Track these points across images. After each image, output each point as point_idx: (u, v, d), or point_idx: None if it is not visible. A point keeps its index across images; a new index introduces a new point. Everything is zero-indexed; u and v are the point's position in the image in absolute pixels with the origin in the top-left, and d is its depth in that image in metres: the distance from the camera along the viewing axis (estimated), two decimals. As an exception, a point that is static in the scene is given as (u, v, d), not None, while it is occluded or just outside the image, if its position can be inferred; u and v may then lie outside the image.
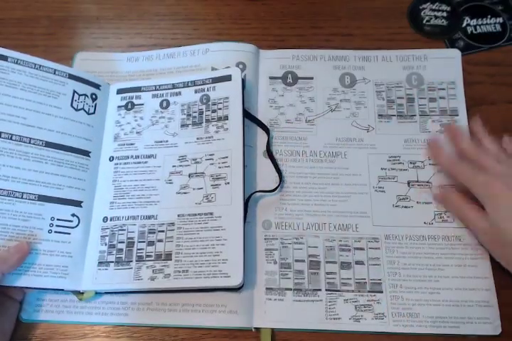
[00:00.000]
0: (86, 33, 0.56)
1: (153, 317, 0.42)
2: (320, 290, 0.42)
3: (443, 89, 0.50)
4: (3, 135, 0.42)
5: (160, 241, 0.42)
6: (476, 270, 0.43)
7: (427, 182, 0.46)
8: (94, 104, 0.47)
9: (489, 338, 0.40)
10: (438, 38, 0.54)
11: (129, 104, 0.48)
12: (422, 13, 0.56)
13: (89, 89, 0.47)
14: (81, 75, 0.47)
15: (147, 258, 0.42)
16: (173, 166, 0.45)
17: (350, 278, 0.43)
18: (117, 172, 0.46)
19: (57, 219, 0.42)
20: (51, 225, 0.42)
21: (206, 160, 0.45)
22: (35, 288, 0.41)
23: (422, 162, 0.47)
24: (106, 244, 0.43)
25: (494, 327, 0.41)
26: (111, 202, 0.45)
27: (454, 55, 0.52)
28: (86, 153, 0.45)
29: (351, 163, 0.47)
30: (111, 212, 0.44)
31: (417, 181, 0.46)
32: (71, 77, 0.46)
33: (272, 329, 0.41)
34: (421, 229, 0.44)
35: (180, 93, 0.48)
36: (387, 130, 0.49)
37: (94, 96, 0.47)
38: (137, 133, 0.47)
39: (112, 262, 0.42)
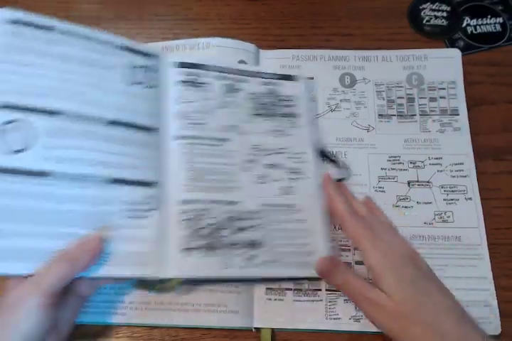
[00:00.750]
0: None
1: (153, 317, 0.42)
2: (320, 290, 0.42)
3: (443, 88, 0.50)
4: (65, 114, 0.37)
5: (247, 228, 0.41)
6: (476, 270, 0.43)
7: (427, 181, 0.46)
8: (152, 77, 0.43)
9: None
10: (438, 38, 0.54)
11: (194, 81, 0.45)
12: (422, 13, 0.56)
13: (145, 61, 0.43)
14: (136, 46, 0.43)
15: (235, 246, 0.40)
16: (248, 154, 0.44)
17: (350, 278, 0.43)
18: (189, 152, 0.42)
19: (132, 203, 0.38)
20: (126, 210, 0.38)
21: (281, 153, 0.44)
22: (113, 279, 0.38)
23: (422, 162, 0.47)
24: (189, 229, 0.39)
25: (494, 327, 0.41)
26: (186, 184, 0.41)
27: (454, 54, 0.52)
28: (152, 130, 0.41)
29: (351, 162, 0.47)
30: (188, 194, 0.40)
31: (417, 181, 0.46)
32: (126, 48, 0.42)
33: (272, 329, 0.41)
34: (421, 229, 0.44)
35: (247, 81, 0.47)
36: (387, 130, 0.49)
37: (151, 69, 0.43)
38: (206, 113, 0.44)
39: (197, 248, 0.39)
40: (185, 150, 0.42)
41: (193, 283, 0.42)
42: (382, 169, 0.47)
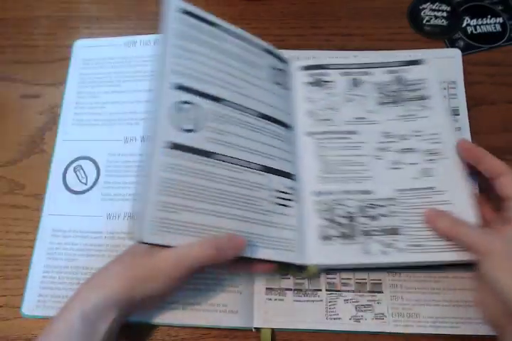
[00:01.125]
0: (86, 33, 0.56)
1: (154, 316, 0.42)
2: (320, 290, 0.42)
3: (444, 88, 0.50)
4: (226, 102, 0.41)
5: (383, 215, 0.42)
6: (476, 270, 0.43)
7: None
8: (286, 79, 0.47)
9: (489, 338, 0.40)
10: (438, 38, 0.54)
11: (318, 81, 0.48)
12: (422, 13, 0.56)
13: (280, 64, 0.47)
14: (274, 51, 0.47)
15: (374, 233, 0.41)
16: (379, 142, 0.45)
17: (350, 279, 0.43)
18: (320, 147, 0.45)
19: (278, 191, 0.41)
20: (274, 197, 0.41)
21: (415, 136, 0.45)
22: (263, 261, 0.39)
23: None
24: (325, 219, 0.42)
25: (494, 327, 0.41)
26: (319, 176, 0.43)
27: (455, 54, 0.52)
28: (287, 126, 0.45)
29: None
30: (321, 186, 0.43)
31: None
32: (268, 51, 0.46)
33: (272, 329, 0.41)
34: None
35: (371, 73, 0.48)
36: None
37: (284, 72, 0.47)
38: (333, 109, 0.46)
39: (337, 236, 0.41)
40: (317, 145, 0.45)
41: (331, 270, 0.43)
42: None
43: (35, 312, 0.43)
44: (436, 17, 0.56)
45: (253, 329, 0.41)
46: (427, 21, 0.55)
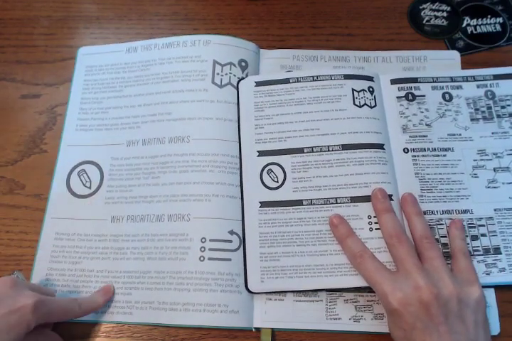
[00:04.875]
0: (86, 33, 0.56)
1: (155, 316, 0.42)
2: (320, 290, 0.42)
3: None
4: (306, 150, 0.44)
5: (483, 235, 0.42)
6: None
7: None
8: (373, 97, 0.47)
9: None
10: (438, 38, 0.54)
11: (410, 95, 0.47)
12: (422, 13, 0.56)
13: (365, 84, 0.47)
14: (354, 72, 0.48)
15: (475, 253, 0.42)
16: (474, 160, 0.45)
17: (350, 279, 0.43)
18: (417, 164, 0.44)
19: (374, 216, 0.42)
20: (370, 223, 0.42)
21: (508, 155, 0.45)
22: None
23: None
24: None
25: (493, 327, 0.41)
26: (419, 194, 0.43)
27: (454, 56, 0.52)
28: (380, 146, 0.44)
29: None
30: (423, 205, 0.43)
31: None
32: (346, 77, 0.47)
33: (272, 329, 0.41)
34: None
35: (461, 87, 0.48)
36: None
37: (371, 89, 0.47)
38: (427, 125, 0.46)
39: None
40: (414, 163, 0.45)
41: None
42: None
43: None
44: (436, 17, 0.55)
45: (253, 329, 0.41)
46: (427, 21, 0.55)
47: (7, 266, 0.45)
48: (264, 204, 0.43)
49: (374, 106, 0.46)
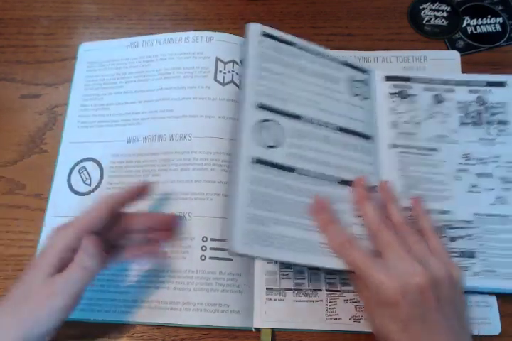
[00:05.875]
0: (86, 33, 0.56)
1: (154, 316, 0.42)
2: (320, 290, 0.42)
3: None
4: (304, 119, 0.42)
5: (460, 237, 0.42)
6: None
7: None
8: (367, 89, 0.47)
9: (489, 338, 0.41)
10: (438, 38, 0.54)
11: (403, 93, 0.47)
12: (422, 13, 0.56)
13: (361, 75, 0.47)
14: (353, 62, 0.47)
15: (452, 255, 0.41)
16: (459, 163, 0.45)
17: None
18: (402, 161, 0.45)
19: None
20: (352, 209, 0.41)
21: (492, 162, 0.45)
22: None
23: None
24: None
25: (494, 327, 0.41)
26: (401, 191, 0.43)
27: (454, 56, 0.52)
28: (368, 137, 0.45)
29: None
30: (403, 201, 0.43)
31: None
32: (346, 64, 0.47)
33: (272, 329, 0.41)
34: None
35: (453, 90, 0.48)
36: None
37: (365, 82, 0.47)
38: (416, 123, 0.46)
39: None
40: (399, 159, 0.45)
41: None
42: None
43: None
44: (436, 17, 0.56)
45: (253, 329, 0.41)
46: (427, 21, 0.55)
47: (7, 265, 0.45)
48: (258, 161, 0.39)
49: (367, 99, 0.46)
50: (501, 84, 0.48)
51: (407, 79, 0.48)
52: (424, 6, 0.56)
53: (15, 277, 0.44)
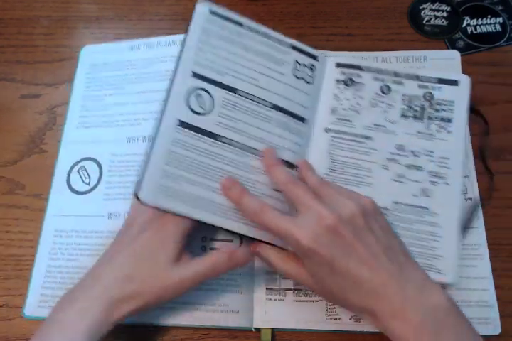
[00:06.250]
0: (86, 33, 0.56)
1: (153, 316, 0.42)
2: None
3: None
4: (239, 92, 0.43)
5: None
6: (476, 270, 0.43)
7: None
8: (312, 75, 0.47)
9: (489, 338, 0.41)
10: (438, 38, 0.54)
11: (349, 80, 0.48)
12: (422, 13, 0.56)
13: (308, 60, 0.47)
14: (301, 47, 0.48)
15: None
16: (391, 153, 0.45)
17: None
18: (333, 145, 0.45)
19: None
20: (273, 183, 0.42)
21: (425, 155, 0.45)
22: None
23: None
24: None
25: (494, 327, 0.41)
26: (324, 173, 0.44)
27: (454, 56, 0.52)
28: (302, 120, 0.45)
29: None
30: None
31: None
32: (294, 48, 0.47)
33: (272, 329, 0.41)
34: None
35: (402, 83, 0.47)
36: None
37: (312, 67, 0.47)
38: (355, 111, 0.46)
39: None
40: (330, 143, 0.45)
41: None
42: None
43: (37, 313, 0.42)
44: (436, 17, 0.56)
45: (253, 329, 0.41)
46: (427, 21, 0.55)
47: (7, 265, 0.45)
48: (184, 125, 0.40)
49: (310, 83, 0.47)
50: (454, 82, 0.47)
51: (357, 67, 0.48)
52: (424, 6, 0.56)
53: (15, 277, 0.45)
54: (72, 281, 0.42)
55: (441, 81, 0.47)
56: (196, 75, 0.42)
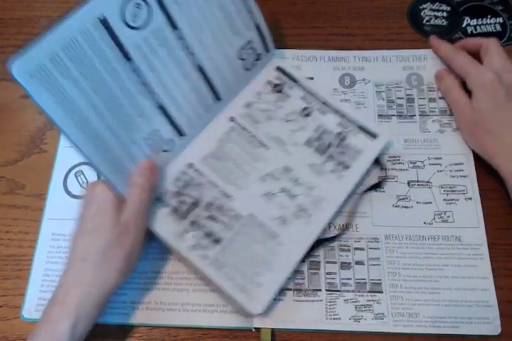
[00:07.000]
0: (86, 33, 0.56)
1: (153, 317, 0.42)
2: (320, 290, 0.42)
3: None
4: (177, 32, 0.40)
5: (218, 220, 0.43)
6: (476, 270, 0.43)
7: (427, 181, 0.46)
8: (254, 63, 0.47)
9: (489, 338, 0.41)
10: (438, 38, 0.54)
11: (279, 86, 0.48)
12: (422, 13, 0.56)
13: (260, 46, 0.47)
14: (264, 32, 0.47)
15: (195, 225, 0.42)
16: (275, 169, 0.44)
17: (350, 278, 0.43)
18: (228, 135, 0.46)
19: (156, 132, 0.42)
20: (150, 135, 0.42)
21: (305, 188, 0.44)
22: None
23: (422, 162, 0.47)
24: (177, 188, 0.43)
25: (494, 327, 0.41)
26: (205, 155, 0.45)
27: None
28: (218, 98, 0.45)
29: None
30: (198, 163, 0.44)
31: (417, 181, 0.46)
32: (257, 27, 0.46)
33: (272, 329, 0.41)
34: (421, 229, 0.44)
35: (325, 114, 0.47)
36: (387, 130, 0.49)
37: (258, 57, 0.47)
38: (268, 116, 0.46)
39: (171, 210, 0.42)
40: (228, 133, 0.46)
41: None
42: (382, 169, 0.47)
43: (36, 316, 0.42)
44: (436, 17, 0.56)
45: (253, 329, 0.41)
46: (427, 21, 0.55)
47: (7, 265, 0.45)
48: (105, 24, 0.36)
49: (248, 70, 0.47)
50: (372, 134, 0.46)
51: (293, 79, 0.48)
52: (424, 6, 0.56)
53: (15, 277, 0.45)
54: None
55: (362, 129, 0.46)
56: None
